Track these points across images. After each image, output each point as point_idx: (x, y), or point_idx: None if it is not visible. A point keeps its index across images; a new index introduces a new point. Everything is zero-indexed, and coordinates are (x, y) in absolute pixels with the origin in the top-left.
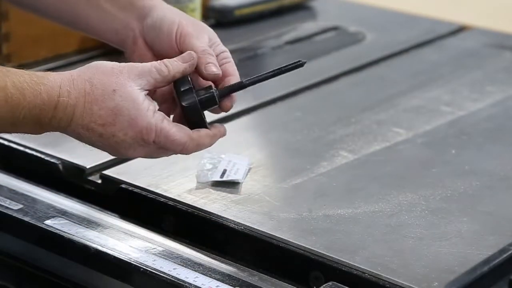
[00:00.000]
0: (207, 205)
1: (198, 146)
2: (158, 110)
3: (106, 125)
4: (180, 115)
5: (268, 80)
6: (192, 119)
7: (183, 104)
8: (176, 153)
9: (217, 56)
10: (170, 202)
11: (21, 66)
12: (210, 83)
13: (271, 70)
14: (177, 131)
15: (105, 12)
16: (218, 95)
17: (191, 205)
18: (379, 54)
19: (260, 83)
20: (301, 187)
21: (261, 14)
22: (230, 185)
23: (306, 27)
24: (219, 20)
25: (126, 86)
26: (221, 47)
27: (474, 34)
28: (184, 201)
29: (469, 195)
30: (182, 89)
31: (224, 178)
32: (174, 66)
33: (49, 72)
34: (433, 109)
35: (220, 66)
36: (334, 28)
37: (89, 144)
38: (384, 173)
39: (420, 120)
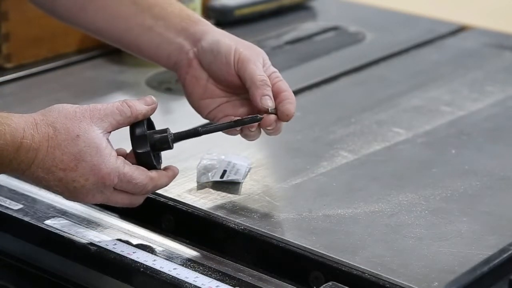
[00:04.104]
0: (207, 205)
1: (156, 187)
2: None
3: (67, 170)
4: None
5: (222, 131)
6: (144, 164)
7: (136, 150)
8: (134, 195)
9: (269, 76)
10: (170, 202)
11: (21, 66)
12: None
13: (228, 121)
14: (139, 174)
15: (159, 37)
16: (172, 139)
17: (191, 205)
18: (379, 54)
19: None
20: (301, 187)
21: (261, 14)
22: (230, 185)
23: (306, 27)
24: (219, 20)
25: (90, 131)
26: (272, 68)
27: (474, 34)
28: (184, 201)
29: (469, 195)
30: (137, 135)
31: (224, 178)
32: (137, 107)
33: (12, 114)
34: (433, 109)
35: (273, 84)
36: (334, 28)
37: (46, 188)
38: (384, 173)
39: (420, 120)
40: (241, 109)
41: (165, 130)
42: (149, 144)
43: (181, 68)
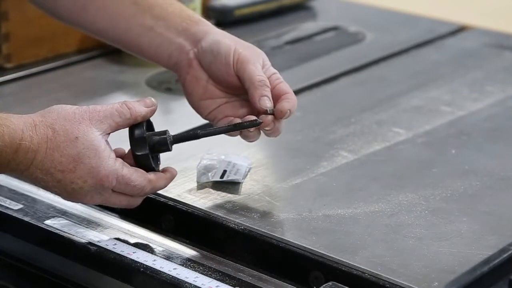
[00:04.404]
0: (207, 205)
1: (154, 189)
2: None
3: (66, 172)
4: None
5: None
6: (142, 166)
7: (135, 152)
8: (132, 197)
9: (269, 77)
10: (170, 202)
11: (21, 66)
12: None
13: (226, 125)
14: (137, 177)
15: (159, 37)
16: (171, 141)
17: (191, 205)
18: (379, 54)
19: None
20: (301, 187)
21: (261, 14)
22: (230, 185)
23: (306, 27)
24: (219, 20)
25: (89, 133)
26: (272, 69)
27: (474, 34)
28: (184, 201)
29: (469, 195)
30: (136, 137)
31: (224, 179)
32: (137, 109)
33: (11, 114)
34: (433, 109)
35: (274, 86)
36: (334, 28)
37: (44, 189)
38: (384, 173)
39: (420, 120)
40: (241, 110)
41: (164, 132)
42: (147, 146)
43: (181, 68)
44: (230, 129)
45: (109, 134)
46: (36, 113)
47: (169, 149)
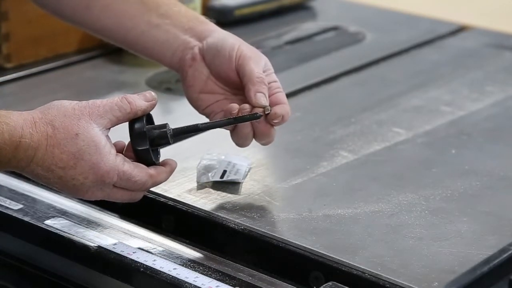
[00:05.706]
0: (207, 205)
1: (155, 183)
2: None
3: (67, 168)
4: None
5: (222, 127)
6: (142, 160)
7: (135, 147)
8: (134, 191)
9: (269, 83)
10: (170, 202)
11: (21, 66)
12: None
13: (227, 118)
14: (139, 172)
15: (165, 34)
16: (172, 134)
17: (191, 205)
18: (379, 54)
19: None
20: (301, 187)
21: (261, 14)
22: (230, 185)
23: (306, 27)
24: (219, 20)
25: (89, 129)
26: (273, 76)
27: (474, 34)
28: (184, 201)
29: (469, 195)
30: (136, 132)
31: (224, 179)
32: (137, 103)
33: (11, 112)
34: (433, 109)
35: (271, 94)
36: (334, 28)
37: (46, 184)
38: (384, 173)
39: (420, 120)
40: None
41: (164, 126)
42: (148, 140)
43: (184, 62)
44: (231, 122)
45: (109, 129)
46: (36, 109)
47: (169, 143)
